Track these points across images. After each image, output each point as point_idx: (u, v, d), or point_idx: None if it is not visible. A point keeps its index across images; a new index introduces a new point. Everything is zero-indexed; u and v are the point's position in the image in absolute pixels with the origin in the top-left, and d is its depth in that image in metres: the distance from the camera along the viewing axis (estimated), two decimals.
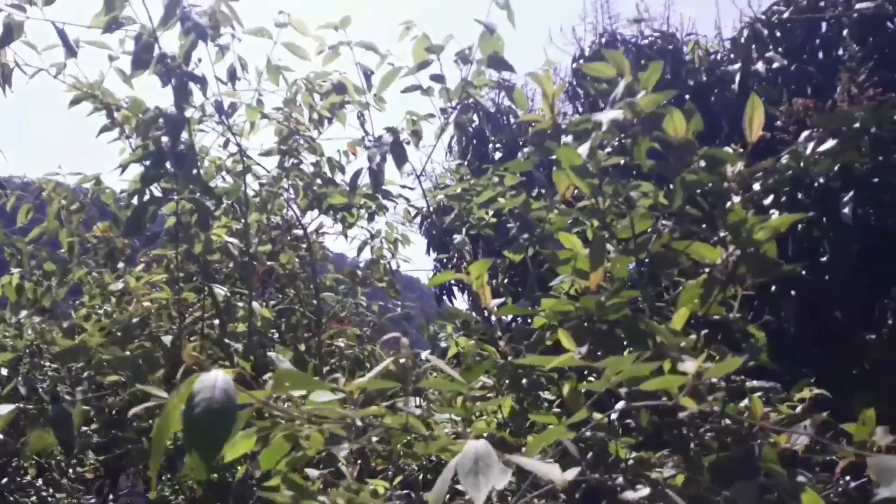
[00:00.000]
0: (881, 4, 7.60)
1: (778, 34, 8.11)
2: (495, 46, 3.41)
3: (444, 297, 9.03)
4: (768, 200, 5.27)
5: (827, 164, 5.04)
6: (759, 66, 7.55)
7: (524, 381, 2.36)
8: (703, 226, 2.22)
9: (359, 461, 2.45)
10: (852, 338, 5.34)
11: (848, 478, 2.16)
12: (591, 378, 2.27)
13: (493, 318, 2.37)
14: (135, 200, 3.48)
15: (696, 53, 8.43)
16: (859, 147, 5.06)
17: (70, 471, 4.54)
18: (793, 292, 5.27)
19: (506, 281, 6.07)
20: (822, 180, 5.13)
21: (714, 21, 9.22)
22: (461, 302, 9.05)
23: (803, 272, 5.22)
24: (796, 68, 7.67)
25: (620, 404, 2.05)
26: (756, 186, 5.71)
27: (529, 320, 2.40)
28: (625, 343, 2.30)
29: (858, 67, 6.22)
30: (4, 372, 3.53)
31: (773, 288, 5.40)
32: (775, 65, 7.56)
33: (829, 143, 5.18)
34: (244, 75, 3.90)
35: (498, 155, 8.76)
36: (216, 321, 3.71)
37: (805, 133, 5.88)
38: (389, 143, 3.51)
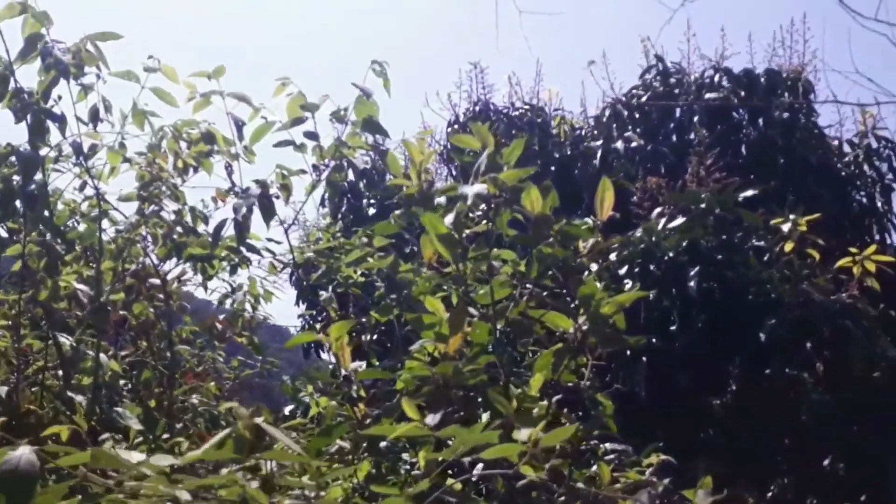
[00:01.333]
0: (727, 96, 8.27)
1: (636, 115, 8.66)
2: (370, 110, 3.47)
3: (312, 351, 8.89)
4: (623, 270, 5.56)
5: (676, 240, 5.38)
6: (619, 144, 8.02)
7: (382, 444, 2.35)
8: (559, 296, 2.31)
9: None
10: (699, 403, 5.64)
11: None
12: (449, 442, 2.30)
13: (353, 379, 2.36)
14: None
15: (563, 128, 8.86)
16: (705, 225, 5.44)
17: None
18: (644, 359, 5.53)
19: (374, 340, 6.06)
20: (671, 254, 5.46)
21: (580, 98, 9.75)
22: (329, 356, 8.90)
23: (653, 340, 5.50)
24: (652, 148, 8.19)
25: (479, 468, 2.08)
26: (613, 257, 5.99)
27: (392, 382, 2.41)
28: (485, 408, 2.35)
29: (706, 152, 6.71)
30: None
31: (628, 354, 5.66)
32: (633, 144, 8.05)
33: (679, 221, 5.56)
34: (108, 117, 3.77)
35: (372, 211, 8.83)
36: (61, 372, 3.51)
37: (657, 209, 6.28)
38: (257, 196, 3.47)
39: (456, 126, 9.00)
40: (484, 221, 2.37)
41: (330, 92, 3.62)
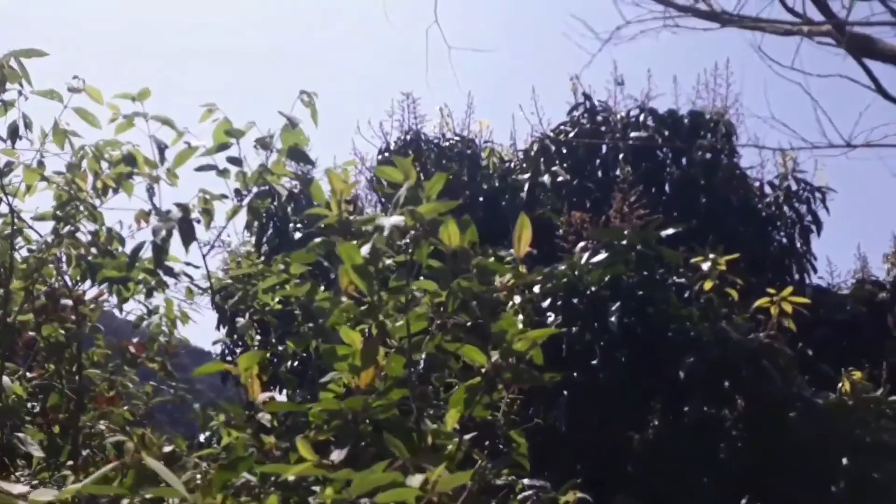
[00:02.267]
0: (652, 135, 8.50)
1: (564, 151, 8.82)
2: (297, 139, 3.44)
3: (231, 377, 8.68)
4: (546, 303, 5.61)
5: (598, 275, 5.46)
6: (546, 178, 8.15)
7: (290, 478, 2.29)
8: (476, 330, 2.31)
9: None
10: (620, 439, 5.69)
11: None
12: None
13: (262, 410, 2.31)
14: None
15: (492, 160, 8.96)
16: (627, 261, 5.54)
17: None
18: (565, 393, 5.57)
19: (292, 369, 5.96)
20: (594, 289, 5.54)
21: (510, 132, 9.89)
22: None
23: (575, 374, 5.56)
24: (578, 184, 8.35)
25: None
26: (537, 289, 6.02)
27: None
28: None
29: (630, 189, 6.87)
30: None
31: (549, 388, 5.69)
32: (560, 178, 8.19)
33: (601, 256, 5.65)
34: (27, 135, 3.67)
35: (298, 236, 8.74)
36: None
37: (581, 244, 6.38)
38: (178, 219, 3.40)
39: (387, 154, 9.02)
40: (406, 253, 2.36)
41: (263, 118, 3.59)
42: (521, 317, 5.61)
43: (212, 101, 3.49)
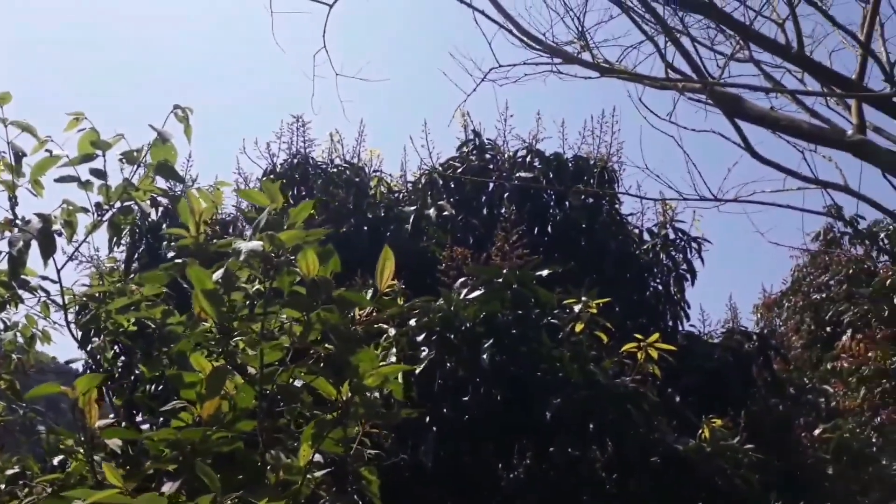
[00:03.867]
0: (537, 177, 8.66)
1: (452, 185, 8.87)
2: (167, 155, 3.30)
3: None
4: (421, 337, 5.56)
5: (474, 311, 5.47)
6: (432, 211, 8.16)
7: None
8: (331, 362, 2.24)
9: None
10: (490, 477, 5.67)
11: None
12: None
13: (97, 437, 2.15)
14: None
15: (380, 189, 8.91)
16: (503, 299, 5.58)
17: None
18: (434, 429, 5.52)
19: (151, 394, 5.66)
20: (469, 325, 5.54)
21: (401, 162, 9.89)
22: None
23: (444, 410, 5.52)
24: (463, 219, 8.40)
25: None
26: (413, 322, 5.94)
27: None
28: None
29: (512, 228, 6.95)
30: None
31: (420, 422, 5.63)
32: (445, 213, 8.22)
33: (478, 292, 5.68)
34: None
35: (171, 254, 8.41)
36: None
37: (461, 279, 6.40)
38: (37, 231, 3.19)
39: (272, 176, 8.83)
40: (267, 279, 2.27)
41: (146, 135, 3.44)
42: (394, 350, 5.56)
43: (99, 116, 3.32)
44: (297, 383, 2.33)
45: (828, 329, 11.81)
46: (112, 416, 3.94)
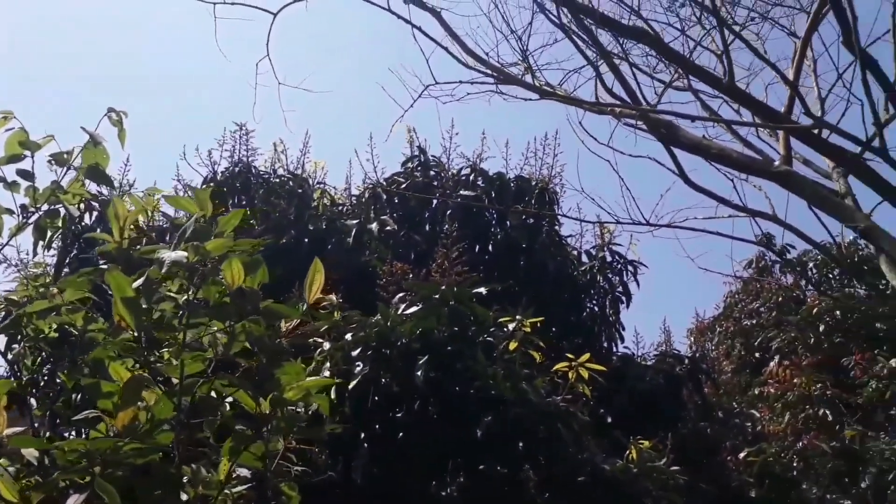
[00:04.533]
0: (480, 196, 8.71)
1: (396, 201, 8.87)
2: (98, 158, 3.23)
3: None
4: (356, 352, 5.52)
5: (411, 327, 5.45)
6: (374, 225, 8.14)
7: None
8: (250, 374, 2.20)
9: None
10: (422, 494, 5.62)
11: None
12: None
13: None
14: None
15: (323, 202, 8.85)
16: (440, 315, 5.57)
17: None
18: (365, 445, 5.48)
19: (75, 401, 5.48)
20: (405, 341, 5.52)
21: (346, 175, 9.83)
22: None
23: (377, 426, 5.48)
24: (405, 234, 8.40)
25: None
26: (349, 337, 5.88)
27: None
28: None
29: (453, 245, 6.97)
30: None
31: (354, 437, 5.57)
32: (388, 227, 8.20)
33: (415, 308, 5.67)
34: None
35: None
36: None
37: (400, 294, 6.39)
38: None
39: (212, 184, 8.70)
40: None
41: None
42: (328, 364, 5.50)
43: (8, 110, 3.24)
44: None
45: (757, 355, 12.13)
46: (35, 424, 3.81)
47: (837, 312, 10.54)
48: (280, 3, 5.30)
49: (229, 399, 2.30)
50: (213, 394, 2.22)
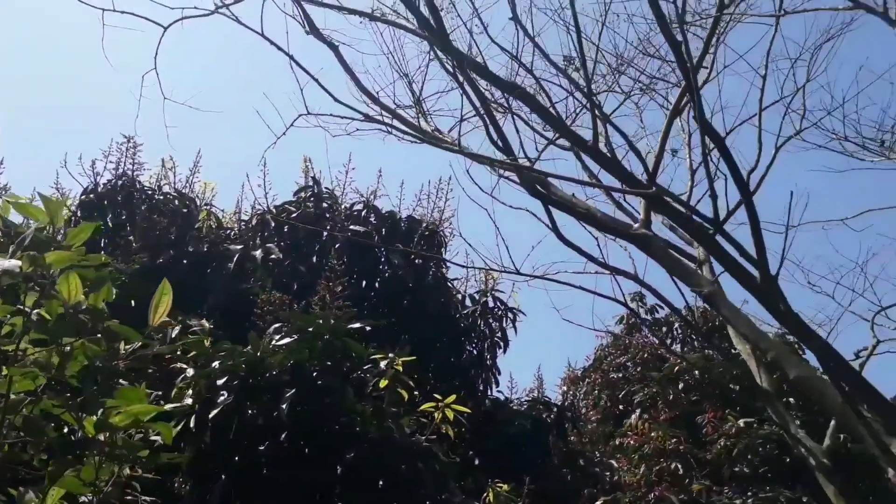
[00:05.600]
0: (370, 232, 8.74)
1: (286, 229, 8.77)
2: None
3: None
4: (222, 381, 5.39)
5: (281, 358, 5.38)
6: (259, 252, 8.02)
7: None
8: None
9: None
10: None
11: None
12: None
13: None
14: None
15: (207, 223, 8.67)
16: (313, 349, 5.52)
17: None
18: (223, 476, 5.33)
19: None
20: (275, 372, 5.44)
21: (237, 199, 9.67)
22: None
23: (237, 458, 5.35)
24: (290, 264, 8.30)
25: None
26: (216, 364, 5.74)
27: None
28: None
29: (337, 279, 6.95)
30: None
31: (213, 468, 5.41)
32: (273, 256, 8.10)
33: (288, 340, 5.60)
34: None
35: None
36: None
37: (276, 325, 6.30)
38: None
39: (92, 196, 8.42)
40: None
41: None
42: (190, 391, 5.36)
43: None
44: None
45: (621, 407, 12.59)
46: None
47: (696, 372, 11.11)
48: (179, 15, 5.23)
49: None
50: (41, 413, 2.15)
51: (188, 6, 5.09)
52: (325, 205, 9.18)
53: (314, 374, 5.53)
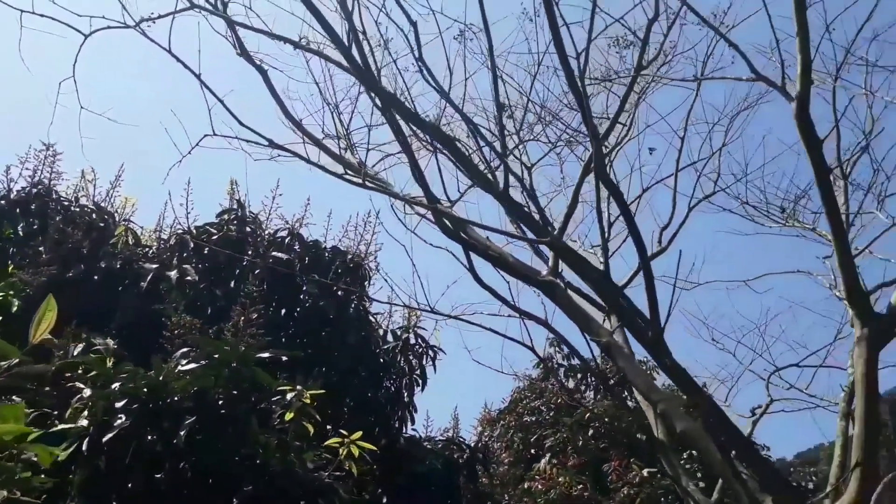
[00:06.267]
0: (292, 260, 8.62)
1: (205, 251, 8.58)
2: None
3: None
4: (121, 403, 5.20)
5: (185, 384, 5.22)
6: (174, 273, 7.82)
7: None
8: None
9: None
10: None
11: None
12: None
13: None
14: None
15: (124, 239, 8.43)
16: (219, 376, 5.37)
17: None
18: (116, 503, 5.12)
19: None
20: (177, 398, 5.26)
21: (158, 217, 9.44)
22: None
23: (130, 484, 5.14)
24: (207, 288, 8.11)
25: None
26: (116, 386, 5.56)
27: None
28: None
29: (252, 305, 6.80)
30: None
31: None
32: (189, 277, 7.90)
33: (194, 365, 5.44)
34: None
35: None
36: None
37: (183, 350, 6.12)
38: None
39: (3, 202, 8.10)
40: None
41: None
42: (86, 413, 5.17)
43: None
44: None
45: (532, 451, 12.64)
46: None
47: (606, 419, 11.27)
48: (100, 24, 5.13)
49: None
50: None
51: (114, 18, 5.00)
52: (248, 229, 9.03)
53: (219, 402, 5.38)
